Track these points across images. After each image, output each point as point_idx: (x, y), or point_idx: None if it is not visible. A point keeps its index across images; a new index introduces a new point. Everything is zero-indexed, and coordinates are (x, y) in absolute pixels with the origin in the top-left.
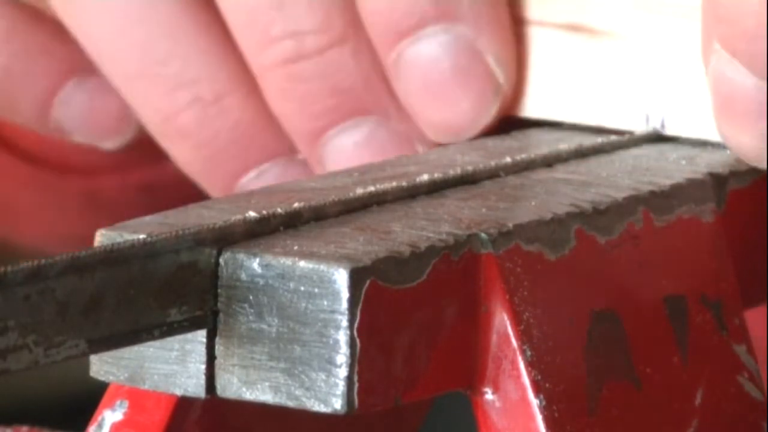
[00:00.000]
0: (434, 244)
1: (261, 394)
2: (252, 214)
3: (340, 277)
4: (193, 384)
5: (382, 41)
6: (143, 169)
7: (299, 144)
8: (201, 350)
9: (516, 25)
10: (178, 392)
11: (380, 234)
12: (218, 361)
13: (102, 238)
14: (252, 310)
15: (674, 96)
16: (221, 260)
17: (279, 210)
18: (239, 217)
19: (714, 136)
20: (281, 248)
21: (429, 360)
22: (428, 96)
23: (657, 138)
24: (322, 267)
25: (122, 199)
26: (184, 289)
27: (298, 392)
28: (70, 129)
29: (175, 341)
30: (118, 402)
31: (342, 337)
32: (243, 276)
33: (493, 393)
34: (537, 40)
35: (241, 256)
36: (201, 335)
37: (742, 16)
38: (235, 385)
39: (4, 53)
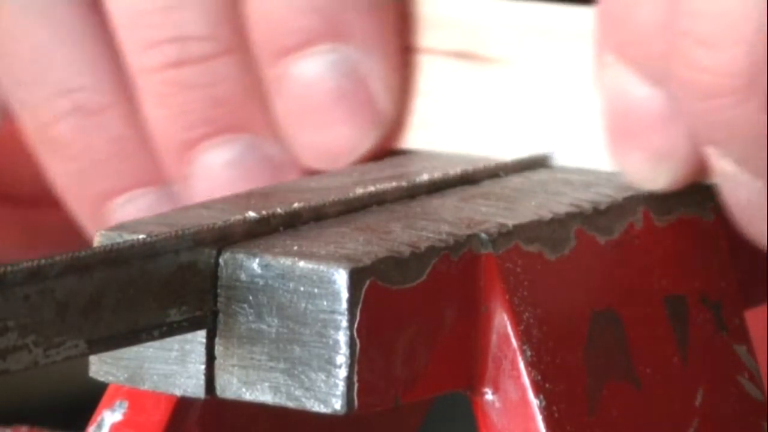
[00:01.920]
0: (434, 244)
1: (261, 394)
2: (252, 214)
3: (340, 278)
4: (192, 384)
5: (266, 56)
6: None
7: (167, 158)
8: (200, 350)
9: (405, 53)
10: (178, 393)
11: (380, 234)
12: (218, 362)
13: (102, 238)
14: (252, 311)
15: (565, 124)
16: (221, 260)
17: (279, 210)
18: (239, 217)
19: (605, 165)
20: (281, 248)
21: (429, 360)
22: (307, 116)
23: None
24: (322, 267)
25: (64, 233)
26: (183, 290)
27: (297, 392)
28: None
29: (174, 341)
30: (117, 402)
31: (342, 337)
32: (243, 276)
33: (493, 393)
34: (426, 68)
35: (240, 256)
36: (201, 335)
37: (634, 20)
38: (234, 386)
39: None
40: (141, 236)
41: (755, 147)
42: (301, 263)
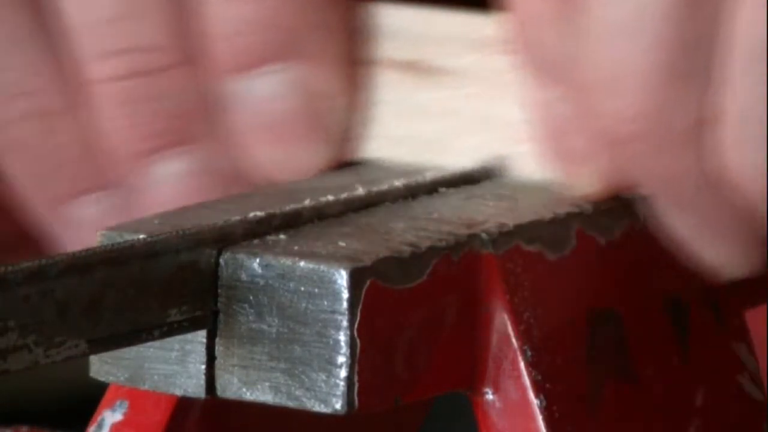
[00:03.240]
0: (434, 244)
1: (261, 394)
2: (252, 214)
3: (341, 278)
4: (193, 384)
5: (220, 71)
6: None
7: (119, 168)
8: (201, 350)
9: (355, 65)
10: (178, 393)
11: (381, 234)
12: (218, 362)
13: (102, 238)
14: (252, 311)
15: (510, 137)
16: (221, 260)
17: (279, 210)
18: (239, 217)
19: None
20: (281, 248)
21: (429, 360)
22: (261, 134)
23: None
24: (323, 267)
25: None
26: (184, 289)
27: (298, 392)
28: None
29: (175, 341)
30: (118, 402)
31: (342, 337)
32: (243, 276)
33: (493, 393)
34: (376, 79)
35: (241, 256)
36: (201, 335)
37: (528, 21)
38: (235, 386)
39: None
40: (141, 236)
41: (675, 187)
42: (302, 263)
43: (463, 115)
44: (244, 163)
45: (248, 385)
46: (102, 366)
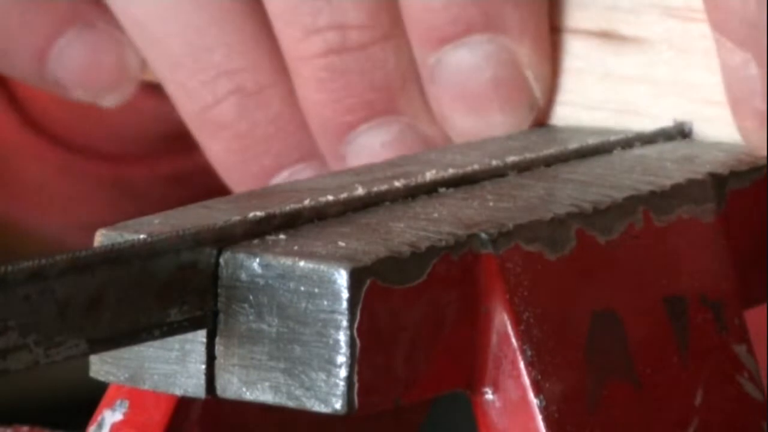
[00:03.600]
0: (434, 244)
1: (261, 394)
2: (252, 214)
3: (340, 277)
4: (193, 384)
5: (422, 43)
6: (172, 160)
7: (323, 139)
8: (201, 350)
9: (550, 34)
10: (178, 392)
11: (380, 234)
12: (218, 361)
13: (102, 238)
14: (252, 310)
15: (702, 102)
16: (221, 260)
17: (279, 210)
18: (239, 217)
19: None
20: (281, 248)
21: (429, 360)
22: (463, 104)
23: (658, 138)
24: (322, 267)
25: (151, 190)
26: (184, 289)
27: (298, 392)
28: (67, 83)
29: (175, 341)
30: (118, 402)
31: (342, 337)
32: (243, 276)
33: (493, 393)
34: (569, 47)
35: (241, 256)
36: (201, 335)
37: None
38: (235, 385)
39: None
40: (141, 236)
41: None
42: (302, 263)
43: (655, 81)
44: (441, 133)
45: (248, 384)
46: (102, 366)
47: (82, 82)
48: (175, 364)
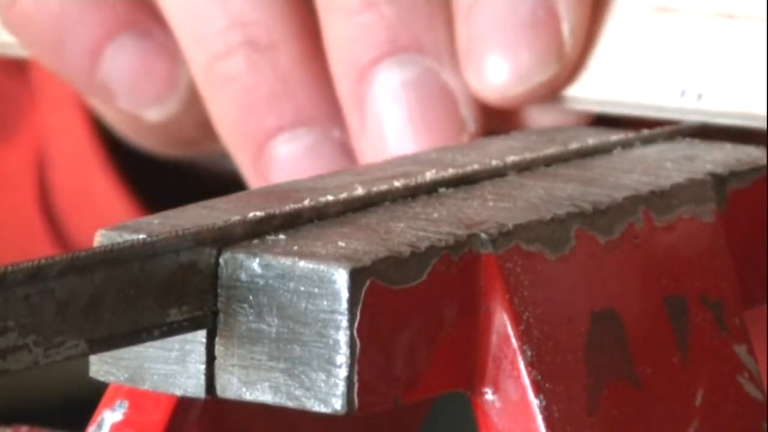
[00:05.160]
0: (434, 244)
1: (261, 394)
2: (252, 214)
3: (340, 278)
4: (192, 384)
5: None
6: None
7: (345, 80)
8: (201, 350)
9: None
10: (178, 392)
11: (380, 234)
12: (218, 362)
13: (102, 238)
14: (252, 310)
15: (712, 70)
16: (221, 260)
17: (279, 210)
18: (239, 217)
19: (753, 109)
20: (281, 248)
21: (429, 360)
22: (494, 37)
23: (658, 138)
24: (322, 267)
25: None
26: (184, 289)
27: (298, 392)
28: (116, 87)
29: (174, 341)
30: (117, 402)
31: (342, 337)
32: (243, 276)
33: (493, 393)
34: (611, 18)
35: (241, 256)
36: (201, 335)
37: None
38: (235, 386)
39: None
40: (141, 236)
41: None
42: (302, 263)
43: (660, 52)
44: (465, 87)
45: (248, 385)
46: (102, 366)
47: (130, 88)
48: (175, 365)
